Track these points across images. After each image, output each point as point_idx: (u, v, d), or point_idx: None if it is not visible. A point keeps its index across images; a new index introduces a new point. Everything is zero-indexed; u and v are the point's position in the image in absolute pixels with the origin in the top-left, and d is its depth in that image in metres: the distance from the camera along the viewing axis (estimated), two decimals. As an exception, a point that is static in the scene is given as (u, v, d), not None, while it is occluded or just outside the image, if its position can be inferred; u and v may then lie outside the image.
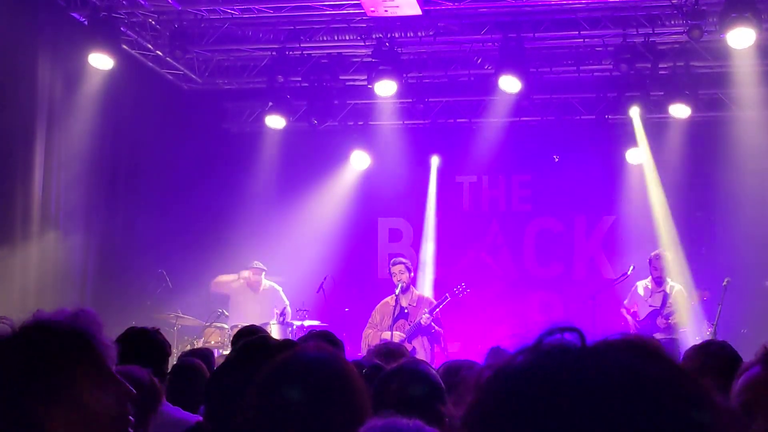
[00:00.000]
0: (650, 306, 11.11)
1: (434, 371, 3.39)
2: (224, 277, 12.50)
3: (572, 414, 1.02)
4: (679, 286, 11.22)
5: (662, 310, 11.02)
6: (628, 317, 11.16)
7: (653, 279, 11.17)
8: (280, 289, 12.29)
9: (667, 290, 11.12)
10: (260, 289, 12.28)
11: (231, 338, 10.30)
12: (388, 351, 5.33)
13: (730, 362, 3.94)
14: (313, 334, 5.98)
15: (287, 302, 11.99)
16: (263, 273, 12.34)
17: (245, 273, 12.38)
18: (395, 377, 3.27)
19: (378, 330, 10.74)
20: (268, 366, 2.40)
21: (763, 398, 2.45)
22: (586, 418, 1.01)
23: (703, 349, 4.22)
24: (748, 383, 2.55)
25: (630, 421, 1.01)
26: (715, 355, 4.06)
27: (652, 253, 11.27)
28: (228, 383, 2.85)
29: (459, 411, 3.01)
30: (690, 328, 11.02)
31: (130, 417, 2.12)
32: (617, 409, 1.01)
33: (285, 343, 3.06)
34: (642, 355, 1.08)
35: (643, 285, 11.29)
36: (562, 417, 1.02)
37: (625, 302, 11.34)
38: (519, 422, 1.04)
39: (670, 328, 10.85)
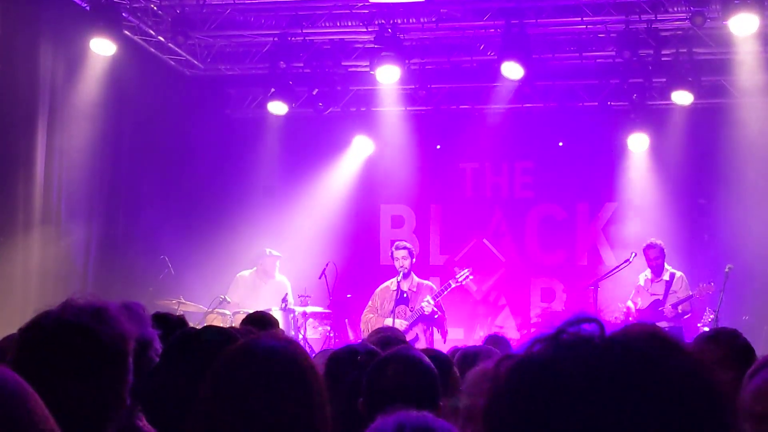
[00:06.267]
0: (652, 295, 11.13)
1: (427, 358, 3.39)
2: (244, 273, 12.44)
3: (592, 407, 1.03)
4: (680, 273, 11.24)
5: (665, 299, 11.03)
6: (630, 304, 11.18)
7: (651, 269, 11.21)
8: (288, 284, 12.27)
9: (667, 278, 11.15)
10: (275, 277, 12.27)
11: (233, 324, 10.34)
12: (388, 340, 5.34)
13: (743, 352, 3.91)
14: (250, 317, 6.02)
15: (291, 299, 11.97)
16: (278, 261, 12.32)
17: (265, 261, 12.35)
18: (390, 364, 3.28)
19: (380, 316, 10.76)
20: (223, 356, 2.40)
21: None
22: (606, 411, 1.02)
23: (713, 338, 4.16)
24: (763, 393, 2.41)
25: (649, 414, 1.02)
26: (726, 345, 4.00)
27: (645, 245, 11.30)
28: (163, 378, 2.84)
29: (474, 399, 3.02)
30: (691, 315, 11.06)
31: None
32: (636, 402, 1.02)
33: (220, 335, 3.06)
34: (661, 347, 1.09)
35: (643, 276, 11.32)
36: (582, 410, 1.03)
37: (631, 296, 11.35)
38: (539, 415, 1.05)
39: (676, 316, 10.86)
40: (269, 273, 12.28)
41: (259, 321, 5.55)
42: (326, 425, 2.31)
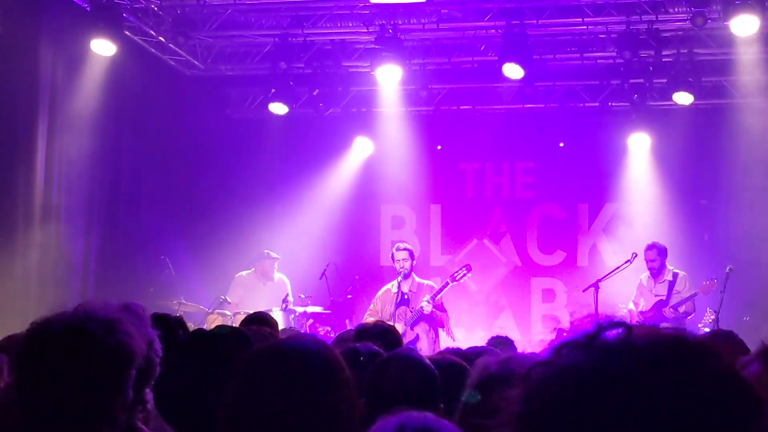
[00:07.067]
0: (656, 296, 11.09)
1: (426, 359, 3.40)
2: (242, 274, 12.47)
3: (639, 412, 1.03)
4: (683, 272, 11.22)
5: (669, 299, 11.00)
6: (632, 306, 11.15)
7: (648, 270, 11.19)
8: (288, 283, 12.30)
9: (670, 278, 11.11)
10: (273, 278, 12.30)
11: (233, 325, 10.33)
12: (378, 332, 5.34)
13: (739, 354, 3.90)
14: (249, 317, 6.01)
15: (291, 298, 11.99)
16: (276, 263, 12.36)
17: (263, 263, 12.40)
18: (391, 364, 3.28)
19: (381, 319, 10.73)
20: (254, 354, 2.38)
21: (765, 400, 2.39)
22: (652, 416, 1.03)
23: (710, 340, 4.18)
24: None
25: (695, 418, 1.03)
26: (723, 346, 4.00)
27: (645, 246, 11.29)
28: (179, 377, 2.82)
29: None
30: (694, 315, 11.04)
31: None
32: (682, 406, 1.03)
33: (231, 335, 3.04)
34: (694, 351, 1.09)
35: (645, 276, 11.29)
36: (627, 415, 1.03)
37: (633, 298, 11.32)
38: (583, 420, 1.05)
39: (678, 317, 10.84)
40: (267, 275, 12.30)
41: (258, 322, 5.53)
42: (356, 426, 2.29)
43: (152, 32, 12.25)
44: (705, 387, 1.05)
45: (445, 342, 10.56)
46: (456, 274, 11.12)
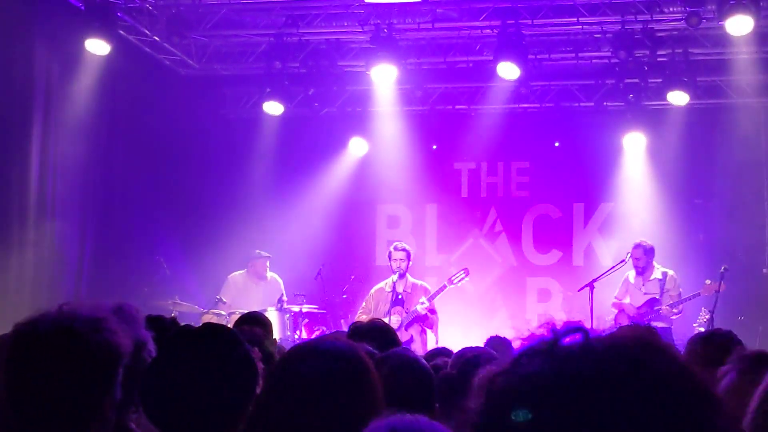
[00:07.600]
0: (645, 294, 11.11)
1: (423, 359, 3.39)
2: (235, 274, 12.46)
3: (593, 417, 1.03)
4: (671, 272, 11.24)
5: (661, 297, 11.02)
6: (626, 304, 11.16)
7: (635, 269, 11.20)
8: (281, 281, 12.31)
9: (660, 276, 11.14)
10: (266, 277, 12.31)
11: (228, 325, 10.32)
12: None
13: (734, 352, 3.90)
14: (242, 318, 5.99)
15: (285, 297, 12.00)
16: (268, 261, 12.36)
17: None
18: (386, 363, 3.28)
19: (374, 317, 10.72)
20: (283, 357, 2.39)
21: (742, 407, 2.42)
22: (607, 422, 1.02)
23: (708, 338, 4.16)
24: (725, 393, 2.50)
25: (640, 420, 1.02)
26: (721, 346, 3.99)
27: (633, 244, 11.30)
28: (163, 377, 2.79)
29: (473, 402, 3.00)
30: (682, 315, 11.05)
31: None
32: (630, 411, 1.02)
33: (215, 332, 3.02)
34: (653, 353, 1.09)
35: (633, 274, 11.31)
36: (583, 420, 1.03)
37: (616, 294, 11.35)
38: (540, 428, 1.05)
39: (669, 316, 10.87)
40: (260, 274, 12.31)
41: (251, 322, 5.52)
42: None
43: (147, 31, 12.22)
44: (665, 389, 1.05)
45: (436, 343, 10.56)
46: (454, 278, 11.12)
